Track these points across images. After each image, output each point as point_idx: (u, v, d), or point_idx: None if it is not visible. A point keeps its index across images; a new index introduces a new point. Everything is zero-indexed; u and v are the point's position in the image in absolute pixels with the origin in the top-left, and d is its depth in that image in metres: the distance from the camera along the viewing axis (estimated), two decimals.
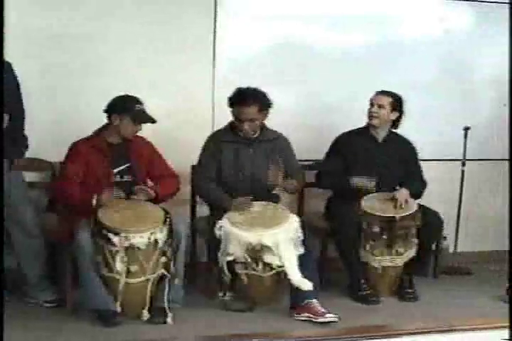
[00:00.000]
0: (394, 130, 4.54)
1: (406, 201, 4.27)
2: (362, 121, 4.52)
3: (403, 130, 4.57)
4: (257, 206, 4.10)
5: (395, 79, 4.79)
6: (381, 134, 4.50)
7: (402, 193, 4.30)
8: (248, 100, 4.09)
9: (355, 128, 4.54)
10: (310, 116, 4.81)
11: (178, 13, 4.54)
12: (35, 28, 4.29)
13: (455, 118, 4.98)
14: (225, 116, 4.29)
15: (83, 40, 4.41)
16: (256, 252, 3.85)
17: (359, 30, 4.86)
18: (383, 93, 4.43)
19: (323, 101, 4.82)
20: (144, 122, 3.98)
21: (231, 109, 4.16)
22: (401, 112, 4.45)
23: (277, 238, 3.83)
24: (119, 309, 3.73)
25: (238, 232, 3.86)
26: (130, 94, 3.97)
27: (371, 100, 4.43)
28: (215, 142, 4.24)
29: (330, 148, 4.55)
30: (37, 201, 4.16)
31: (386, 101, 4.40)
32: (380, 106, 4.40)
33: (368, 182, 4.33)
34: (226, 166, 4.22)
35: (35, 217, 3.96)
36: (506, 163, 4.53)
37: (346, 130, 4.55)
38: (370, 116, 4.43)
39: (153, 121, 3.95)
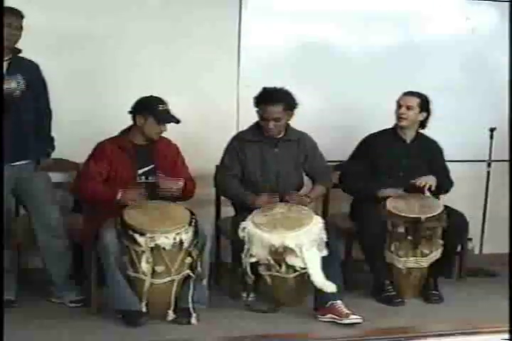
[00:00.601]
0: (421, 130, 4.54)
1: (430, 188, 4.29)
2: (386, 123, 4.52)
3: (428, 131, 4.56)
4: (281, 207, 4.11)
5: (419, 79, 4.79)
6: (409, 135, 4.51)
7: (426, 177, 4.32)
8: (274, 99, 4.13)
9: (382, 129, 4.53)
10: (334, 116, 4.83)
11: (203, 13, 4.59)
12: (61, 29, 4.34)
13: (480, 118, 4.97)
14: (249, 117, 4.33)
15: (106, 40, 4.47)
16: (279, 254, 3.88)
17: (383, 29, 4.87)
18: (411, 94, 4.42)
19: (347, 101, 4.82)
20: (168, 122, 4.01)
21: (256, 109, 4.20)
22: (429, 112, 4.45)
23: (300, 240, 3.85)
24: (144, 309, 3.78)
25: (261, 234, 3.88)
26: (153, 95, 4.01)
27: (398, 102, 4.42)
28: (239, 142, 4.28)
29: (356, 149, 4.55)
30: (62, 201, 4.20)
31: (414, 102, 4.40)
32: (408, 108, 4.40)
33: (395, 191, 4.36)
34: (250, 166, 4.27)
35: (60, 217, 4.01)
36: None
37: (370, 131, 4.55)
38: (399, 117, 4.42)
39: (177, 121, 3.99)
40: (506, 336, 3.35)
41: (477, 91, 5.00)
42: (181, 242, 3.74)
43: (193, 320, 3.80)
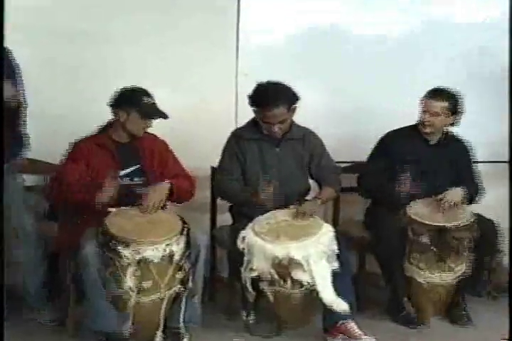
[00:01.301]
0: (450, 129, 4.55)
1: (455, 203, 4.30)
2: (404, 120, 4.53)
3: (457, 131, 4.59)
4: (285, 214, 4.13)
5: (442, 70, 4.82)
6: (434, 137, 4.53)
7: (452, 192, 4.33)
8: (276, 101, 4.12)
9: (403, 126, 4.56)
10: (342, 112, 4.88)
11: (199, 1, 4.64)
12: (46, 22, 4.45)
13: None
14: (249, 113, 4.35)
15: (93, 33, 4.55)
16: (283, 267, 3.87)
17: (401, 12, 4.86)
18: (436, 97, 4.38)
19: (358, 96, 4.86)
20: (154, 117, 4.03)
21: (253, 109, 4.21)
22: (460, 112, 4.44)
23: (308, 251, 3.85)
24: (129, 331, 3.77)
25: (263, 244, 3.88)
26: (137, 86, 4.02)
27: (422, 106, 4.41)
28: (238, 141, 4.31)
29: (375, 148, 4.58)
30: (36, 207, 4.23)
31: (440, 107, 4.37)
32: (433, 114, 4.40)
33: (418, 188, 4.38)
34: (251, 167, 4.30)
35: (34, 224, 4.03)
36: None
37: (384, 130, 4.58)
38: (422, 123, 4.44)
39: (164, 116, 4.00)
40: None
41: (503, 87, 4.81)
42: (172, 254, 3.74)
43: None
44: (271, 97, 4.13)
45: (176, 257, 3.78)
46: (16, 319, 4.06)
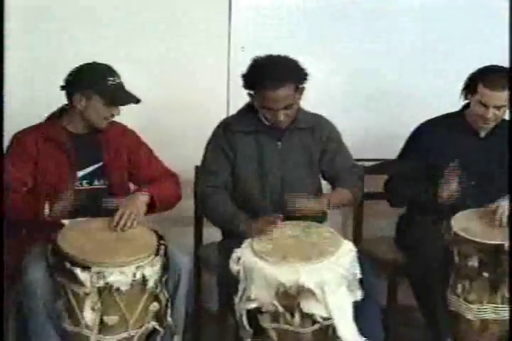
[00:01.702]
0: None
1: (503, 218, 4.25)
2: (438, 106, 4.57)
3: None
4: (293, 228, 4.11)
5: (490, 44, 4.92)
6: (486, 127, 4.53)
7: (502, 205, 4.30)
8: (280, 78, 4.07)
9: (444, 114, 4.56)
10: (365, 98, 4.89)
11: None
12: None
13: None
14: (243, 100, 4.36)
15: (66, 12, 4.67)
16: (291, 297, 3.79)
17: None
18: (499, 86, 4.33)
19: (383, 76, 4.88)
20: (122, 103, 4.02)
21: (251, 92, 4.18)
22: None
23: (323, 276, 3.77)
24: None
25: (265, 267, 3.81)
26: (99, 63, 4.03)
27: (480, 97, 4.37)
28: (227, 134, 4.28)
29: (406, 143, 4.60)
30: None
31: (505, 97, 4.36)
32: (499, 108, 4.39)
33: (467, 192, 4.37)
34: (244, 168, 4.29)
35: None
36: None
37: (414, 122, 4.57)
38: (483, 118, 4.42)
39: (136, 101, 4.00)
40: None
41: None
42: (144, 280, 3.70)
43: None
44: (273, 73, 4.08)
45: (150, 284, 3.74)
46: None
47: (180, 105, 4.71)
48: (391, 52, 4.87)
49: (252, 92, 4.17)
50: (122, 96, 4.01)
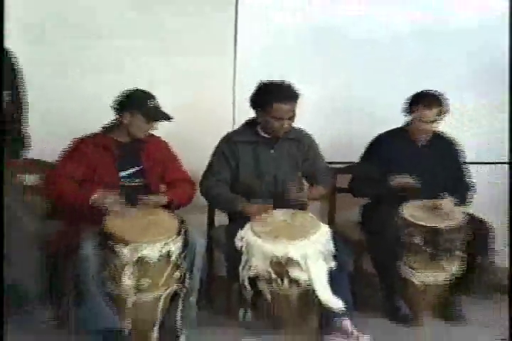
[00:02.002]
0: (437, 128, 4.49)
1: (449, 212, 4.25)
2: (400, 121, 4.49)
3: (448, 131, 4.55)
4: (284, 214, 4.08)
5: (442, 70, 4.78)
6: (424, 137, 4.50)
7: (447, 203, 4.28)
8: (290, 94, 4.06)
9: (392, 129, 4.52)
10: (339, 112, 4.79)
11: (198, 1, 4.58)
12: (42, 20, 4.39)
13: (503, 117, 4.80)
14: (247, 115, 4.31)
15: (91, 31, 4.47)
16: (281, 266, 3.82)
17: (404, 12, 4.80)
18: (430, 105, 4.32)
19: (354, 96, 4.77)
20: (158, 120, 3.99)
21: (261, 108, 4.12)
22: (447, 111, 4.40)
23: (306, 251, 3.80)
24: (126, 329, 3.72)
25: (262, 244, 3.84)
26: (142, 89, 3.97)
27: (416, 115, 4.36)
28: (230, 144, 4.24)
29: (366, 150, 4.55)
30: (37, 207, 4.18)
31: (435, 114, 4.35)
32: (429, 122, 4.37)
33: (412, 180, 4.34)
34: (244, 170, 4.24)
35: (34, 224, 3.93)
36: None
37: (383, 130, 4.52)
38: (418, 131, 4.41)
39: (168, 118, 3.96)
40: None
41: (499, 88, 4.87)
42: (169, 254, 3.70)
43: None
44: (285, 91, 4.07)
45: (173, 257, 3.74)
46: (17, 319, 3.99)
47: (198, 123, 4.62)
48: (357, 78, 4.79)
49: (259, 109, 4.13)
50: (158, 115, 3.97)
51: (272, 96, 4.07)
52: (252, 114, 4.24)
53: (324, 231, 3.98)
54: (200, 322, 3.92)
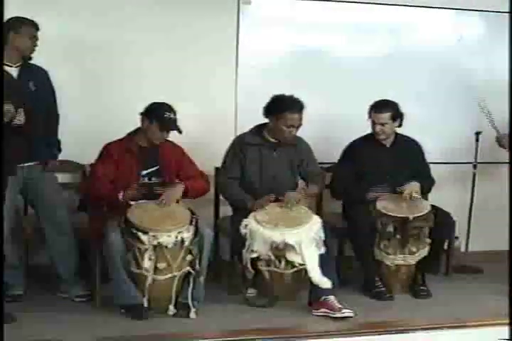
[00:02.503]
0: (399, 130, 4.45)
1: (415, 193, 4.22)
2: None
3: (421, 136, 4.54)
4: (281, 206, 4.05)
5: (412, 87, 4.81)
6: (388, 140, 4.45)
7: (411, 185, 4.25)
8: (300, 105, 4.06)
9: (364, 135, 4.48)
10: (327, 121, 4.75)
11: (201, 21, 4.52)
12: (70, 38, 4.33)
13: (467, 123, 4.92)
14: (247, 121, 4.30)
15: (113, 49, 4.42)
16: (279, 250, 3.83)
17: (376, 39, 4.82)
18: (381, 109, 4.30)
19: (338, 107, 4.75)
20: (170, 130, 3.94)
21: (274, 116, 4.10)
22: (402, 117, 4.36)
23: (300, 237, 3.80)
24: (146, 304, 3.72)
25: (263, 231, 3.83)
26: (164, 102, 3.93)
27: (371, 119, 4.33)
28: (241, 144, 4.19)
29: (341, 155, 4.48)
30: (69, 201, 4.15)
31: (387, 117, 4.30)
32: (382, 124, 4.32)
33: (384, 191, 4.33)
34: (250, 168, 4.19)
35: (67, 215, 3.96)
36: None
37: (357, 135, 4.49)
38: (376, 133, 4.36)
39: (179, 131, 3.90)
40: (491, 330, 3.41)
41: (464, 99, 4.92)
42: (182, 241, 3.68)
43: (192, 314, 3.74)
44: (296, 102, 4.07)
45: (186, 243, 3.72)
46: (52, 296, 4.05)
47: (206, 128, 4.57)
48: (341, 92, 4.77)
49: (273, 117, 4.12)
50: (171, 127, 3.92)
51: (286, 107, 4.06)
52: (250, 121, 4.25)
53: (316, 221, 3.96)
54: (209, 298, 3.90)
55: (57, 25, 4.25)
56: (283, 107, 4.07)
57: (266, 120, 4.21)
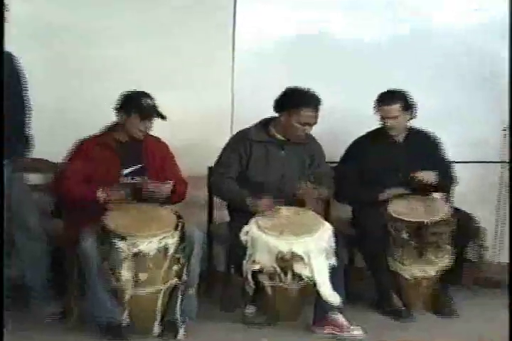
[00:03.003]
0: (412, 126, 4.24)
1: (428, 182, 4.05)
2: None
3: (437, 132, 4.31)
4: (288, 211, 3.85)
5: (424, 73, 4.57)
6: (400, 136, 4.23)
7: (424, 172, 4.05)
8: (316, 102, 3.86)
9: (370, 130, 4.26)
10: (333, 115, 4.42)
11: (196, 2, 4.37)
12: (43, 21, 4.17)
13: (492, 117, 4.65)
14: (245, 115, 4.16)
15: (91, 33, 4.25)
16: (286, 261, 3.60)
17: (387, 19, 4.60)
18: (389, 102, 4.10)
19: (342, 98, 4.50)
20: (151, 118, 3.74)
21: (287, 112, 3.89)
22: (413, 106, 4.14)
23: (309, 247, 3.60)
24: (126, 322, 3.51)
25: (267, 239, 3.62)
26: (138, 90, 3.76)
27: (379, 113, 4.13)
28: (244, 141, 3.98)
29: (345, 153, 4.29)
30: (40, 204, 3.96)
31: (396, 109, 4.09)
32: (392, 118, 4.11)
33: (397, 191, 4.12)
34: (254, 168, 3.97)
35: (38, 220, 3.77)
36: None
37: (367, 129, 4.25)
38: (387, 128, 4.15)
39: (162, 117, 3.72)
40: None
41: (487, 87, 4.67)
42: (166, 248, 3.48)
43: (181, 335, 3.55)
44: (314, 97, 3.86)
45: (171, 250, 3.51)
46: (20, 312, 3.80)
47: (198, 122, 4.38)
48: (347, 80, 4.54)
49: (285, 113, 3.90)
50: (152, 113, 3.73)
51: (302, 102, 3.85)
52: (250, 115, 4.09)
53: (327, 228, 3.75)
54: (199, 315, 3.71)
55: (30, 7, 4.13)
56: (298, 102, 3.86)
57: (268, 113, 4.01)
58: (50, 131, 4.02)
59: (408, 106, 4.11)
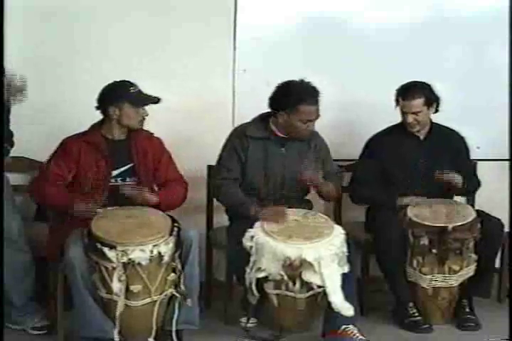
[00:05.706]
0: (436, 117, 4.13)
1: (457, 186, 3.97)
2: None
3: (460, 128, 4.22)
4: (295, 214, 3.77)
5: (450, 64, 4.49)
6: (422, 131, 4.13)
7: (453, 175, 3.97)
8: (314, 95, 3.78)
9: (389, 126, 4.18)
10: (345, 108, 4.45)
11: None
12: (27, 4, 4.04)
13: None
14: (247, 109, 4.08)
15: (72, 16, 4.14)
16: (294, 268, 3.51)
17: (405, 3, 4.48)
18: (411, 96, 4.01)
19: (360, 89, 4.43)
20: (146, 103, 3.66)
21: (285, 110, 3.80)
22: (438, 100, 4.06)
23: (320, 253, 3.50)
24: (117, 337, 3.40)
25: (274, 244, 3.53)
26: (118, 80, 3.69)
27: (400, 107, 4.05)
28: (241, 137, 3.90)
29: (362, 152, 4.20)
30: (23, 208, 3.93)
31: (419, 104, 4.01)
32: (415, 113, 4.02)
33: (417, 195, 4.03)
34: (252, 166, 3.90)
35: (21, 226, 3.69)
36: None
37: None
38: (408, 124, 4.07)
39: (156, 100, 3.65)
40: None
41: None
42: (160, 256, 3.38)
43: None
44: (311, 90, 3.79)
45: (166, 258, 3.41)
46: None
47: (196, 118, 4.30)
48: (362, 70, 4.45)
49: (283, 111, 3.80)
50: (145, 99, 3.67)
51: (299, 99, 3.77)
52: (253, 108, 4.01)
53: (339, 233, 3.67)
54: (199, 327, 3.64)
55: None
56: (296, 99, 3.77)
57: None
58: (33, 127, 3.99)
59: (432, 100, 4.03)
